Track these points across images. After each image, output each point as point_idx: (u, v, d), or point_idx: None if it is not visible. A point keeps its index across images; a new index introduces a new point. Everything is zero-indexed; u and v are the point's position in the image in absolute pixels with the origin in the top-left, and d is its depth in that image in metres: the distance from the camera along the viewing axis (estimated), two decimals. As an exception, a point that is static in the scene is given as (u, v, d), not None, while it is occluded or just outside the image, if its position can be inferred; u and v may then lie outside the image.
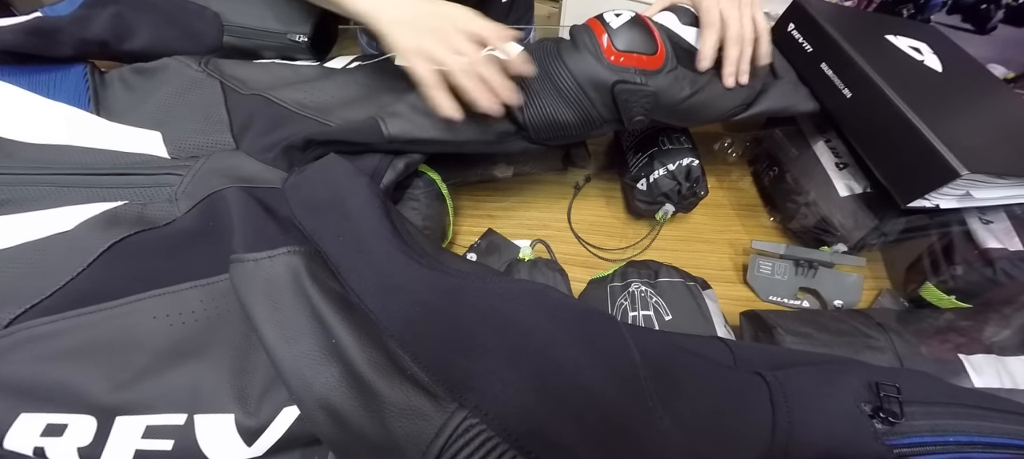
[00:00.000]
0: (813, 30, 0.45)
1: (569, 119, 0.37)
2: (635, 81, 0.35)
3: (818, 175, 0.46)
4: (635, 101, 0.35)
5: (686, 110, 0.37)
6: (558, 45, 0.38)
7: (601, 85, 0.35)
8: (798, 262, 0.46)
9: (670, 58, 0.36)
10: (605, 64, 0.35)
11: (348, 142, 0.37)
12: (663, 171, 0.45)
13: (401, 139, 0.37)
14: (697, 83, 0.37)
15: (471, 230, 0.51)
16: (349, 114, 0.41)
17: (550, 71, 0.36)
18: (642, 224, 0.52)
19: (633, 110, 0.36)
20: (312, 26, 0.48)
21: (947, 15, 1.67)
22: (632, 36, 0.36)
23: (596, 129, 0.38)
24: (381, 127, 0.36)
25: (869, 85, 0.39)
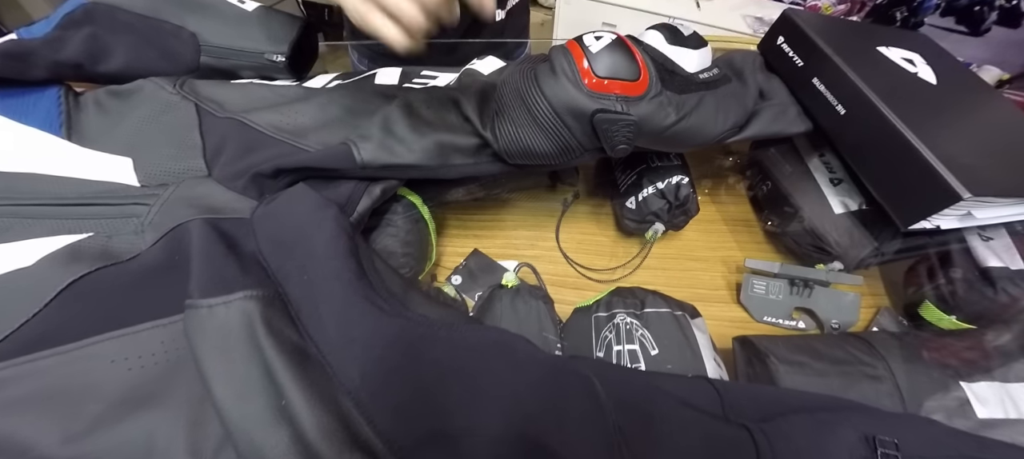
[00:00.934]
0: (803, 43, 0.44)
1: (545, 148, 0.35)
2: (616, 109, 0.33)
3: (812, 192, 0.45)
4: (616, 130, 0.34)
5: (672, 137, 0.36)
6: (535, 68, 0.36)
7: (579, 113, 0.34)
8: (793, 281, 0.45)
9: (654, 83, 0.34)
10: (584, 91, 0.33)
11: (320, 169, 0.36)
12: (652, 190, 0.44)
13: (374, 165, 0.35)
14: (683, 108, 0.35)
15: (456, 251, 0.50)
16: (327, 137, 0.40)
17: (525, 97, 0.35)
18: (632, 242, 0.50)
19: (615, 139, 0.34)
20: (290, 45, 0.47)
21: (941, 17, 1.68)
22: (613, 60, 0.34)
23: (576, 158, 0.37)
24: (354, 152, 0.35)
25: (863, 102, 0.38)
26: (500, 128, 0.36)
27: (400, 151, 0.36)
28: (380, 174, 0.36)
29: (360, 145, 0.35)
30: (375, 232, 0.38)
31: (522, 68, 0.38)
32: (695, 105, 0.37)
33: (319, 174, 0.36)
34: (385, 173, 0.36)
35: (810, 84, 0.43)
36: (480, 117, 0.37)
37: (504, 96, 0.37)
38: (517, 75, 0.37)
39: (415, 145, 0.37)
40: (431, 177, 0.38)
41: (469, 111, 0.37)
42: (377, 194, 0.36)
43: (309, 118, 0.43)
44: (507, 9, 0.70)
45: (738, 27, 1.55)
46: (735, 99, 0.41)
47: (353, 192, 0.35)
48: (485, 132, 0.37)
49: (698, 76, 0.39)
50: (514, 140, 0.36)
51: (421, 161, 0.36)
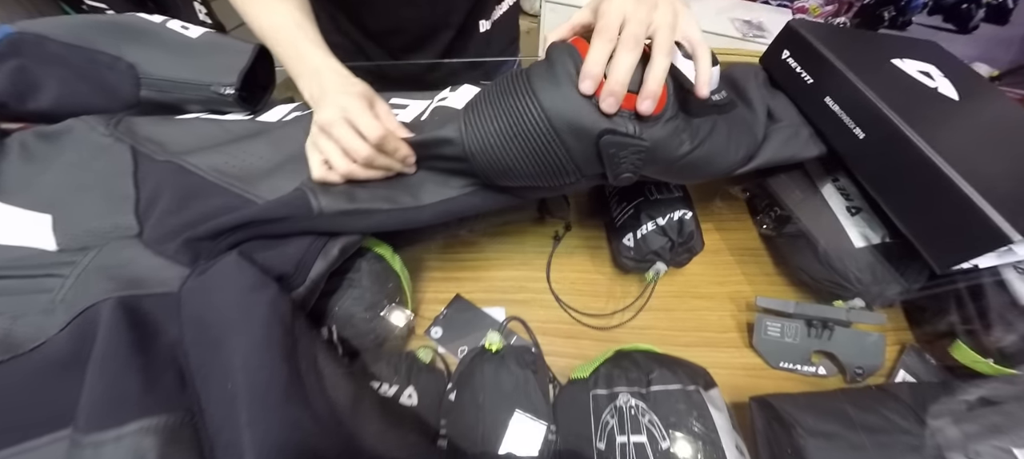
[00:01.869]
0: (811, 57, 0.40)
1: (530, 166, 0.29)
2: (627, 131, 0.28)
3: (828, 222, 0.40)
4: (625, 156, 0.29)
5: (683, 167, 0.31)
6: (529, 71, 0.30)
7: (583, 132, 0.27)
8: (810, 322, 0.41)
9: (672, 103, 0.29)
10: (593, 103, 0.27)
11: (269, 222, 0.30)
12: (652, 226, 0.39)
13: (333, 212, 0.30)
14: (698, 135, 0.31)
15: (436, 296, 0.45)
16: (280, 181, 0.35)
17: (514, 101, 0.28)
18: (630, 279, 0.46)
19: (621, 166, 0.29)
20: (239, 75, 0.41)
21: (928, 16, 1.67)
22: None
23: (567, 183, 0.31)
24: (310, 201, 0.30)
25: (885, 125, 0.33)
26: (471, 122, 0.29)
27: (362, 194, 0.31)
28: (341, 225, 0.31)
29: (319, 191, 0.30)
30: (335, 295, 0.32)
31: (513, 72, 0.32)
32: (709, 132, 0.32)
33: (267, 230, 0.31)
34: (347, 224, 0.31)
35: (822, 104, 0.38)
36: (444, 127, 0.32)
37: (486, 95, 0.30)
38: (505, 80, 0.31)
39: (380, 188, 0.32)
40: (401, 227, 0.33)
41: None
42: (335, 254, 0.31)
43: (260, 158, 0.38)
44: (492, 19, 0.64)
45: (726, 31, 1.52)
46: (745, 126, 0.37)
47: (305, 254, 0.29)
48: (443, 131, 0.31)
49: (711, 98, 0.35)
50: (488, 147, 0.29)
51: (393, 206, 0.31)
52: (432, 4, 0.56)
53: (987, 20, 1.49)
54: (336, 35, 0.60)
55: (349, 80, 0.35)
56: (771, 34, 1.53)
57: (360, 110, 0.32)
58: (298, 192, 0.30)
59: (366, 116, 0.31)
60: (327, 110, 0.32)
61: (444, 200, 0.32)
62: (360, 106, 0.32)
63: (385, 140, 0.31)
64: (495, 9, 0.64)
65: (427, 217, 0.32)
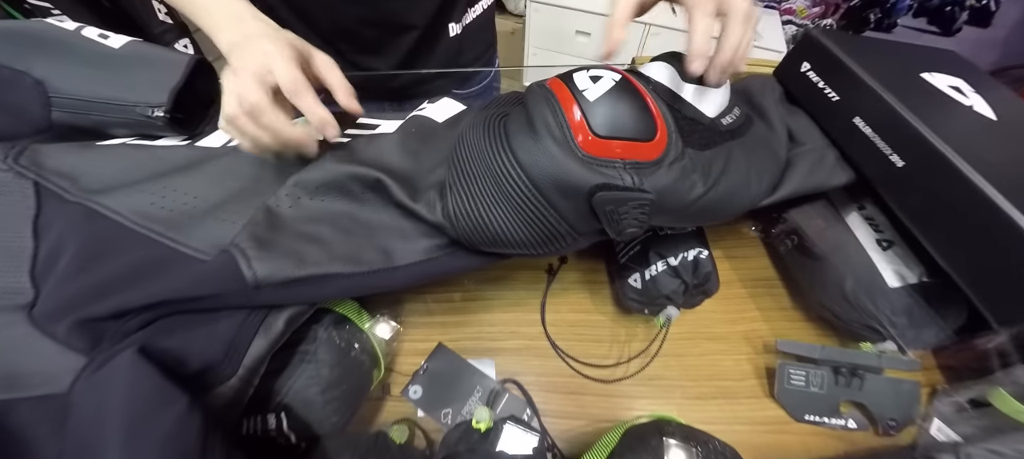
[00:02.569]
0: (836, 71, 0.35)
1: (522, 234, 0.25)
2: (624, 183, 0.23)
3: (855, 256, 0.36)
4: (626, 212, 0.24)
5: (698, 212, 0.26)
6: (506, 119, 0.26)
7: (571, 189, 0.24)
8: (838, 369, 0.36)
9: (673, 141, 0.25)
10: (578, 156, 0.23)
11: (192, 299, 0.24)
12: (663, 266, 0.34)
13: (277, 283, 0.24)
14: (711, 173, 0.26)
15: (415, 346, 0.39)
16: (218, 226, 0.28)
17: (493, 163, 0.25)
18: (636, 321, 0.41)
19: (623, 222, 0.24)
20: (171, 94, 0.34)
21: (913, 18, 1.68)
22: (618, 112, 0.24)
23: (566, 245, 0.27)
24: (242, 269, 0.23)
25: (930, 154, 0.29)
26: (457, 204, 0.26)
27: (315, 255, 0.25)
28: (287, 298, 0.25)
29: (253, 253, 0.24)
30: (285, 374, 0.26)
31: (488, 117, 0.28)
32: (724, 166, 0.27)
33: (190, 306, 0.24)
34: (295, 295, 0.25)
35: (850, 125, 0.34)
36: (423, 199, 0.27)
37: (462, 159, 0.27)
38: (481, 129, 0.27)
39: (340, 245, 0.26)
40: (367, 293, 0.27)
41: (401, 197, 0.26)
42: (280, 327, 0.24)
43: (196, 197, 0.31)
44: (463, 24, 0.58)
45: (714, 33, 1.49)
46: (766, 150, 0.32)
47: (239, 332, 0.23)
48: (433, 216, 0.26)
49: (721, 122, 0.30)
50: (477, 223, 0.25)
51: (348, 269, 0.25)
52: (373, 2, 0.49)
53: (970, 22, 1.51)
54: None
55: (279, 30, 0.30)
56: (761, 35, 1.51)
57: (284, 58, 0.27)
58: (225, 257, 0.24)
59: (288, 65, 0.27)
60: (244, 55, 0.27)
61: (423, 261, 0.27)
62: (286, 54, 0.27)
63: (299, 95, 0.27)
64: (467, 12, 0.57)
65: (401, 280, 0.26)
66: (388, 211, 0.28)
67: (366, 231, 0.27)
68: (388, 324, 0.34)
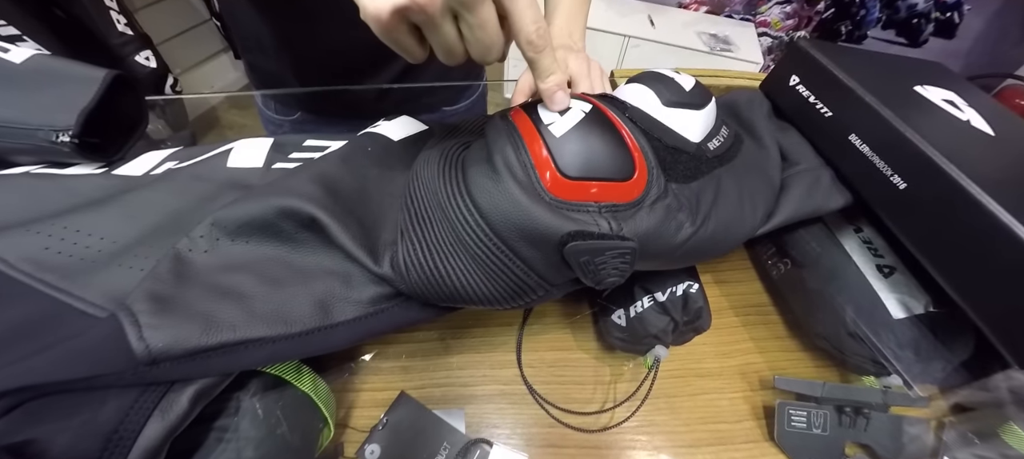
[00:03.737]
0: (829, 85, 0.33)
1: (484, 289, 0.22)
2: (601, 230, 0.20)
3: (855, 285, 0.33)
4: (603, 262, 0.20)
5: (687, 253, 0.23)
6: (465, 157, 0.22)
7: (540, 239, 0.20)
8: (842, 408, 0.33)
9: (654, 177, 0.22)
10: (546, 201, 0.20)
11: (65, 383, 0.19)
12: (649, 303, 0.31)
13: (179, 356, 0.19)
14: (699, 209, 0.23)
15: (374, 396, 0.34)
16: (121, 275, 0.24)
17: (448, 207, 0.21)
18: (621, 358, 0.37)
19: (601, 272, 0.21)
20: (80, 116, 0.30)
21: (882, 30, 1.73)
22: (590, 148, 0.21)
23: (536, 298, 0.23)
24: (130, 340, 0.19)
25: (938, 178, 0.26)
26: (409, 254, 0.22)
27: (231, 316, 0.20)
28: (193, 372, 0.20)
29: (147, 319, 0.19)
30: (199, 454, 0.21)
31: (445, 150, 0.24)
32: (714, 198, 0.24)
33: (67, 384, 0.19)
34: (203, 369, 0.20)
35: (846, 143, 0.31)
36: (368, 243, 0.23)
37: (415, 198, 0.23)
38: (437, 164, 0.23)
39: (264, 300, 0.22)
40: (298, 357, 0.22)
41: (342, 239, 0.22)
42: (184, 407, 0.20)
43: (103, 237, 0.26)
44: None
45: (694, 45, 1.50)
46: (758, 174, 0.29)
47: (126, 419, 0.18)
48: (379, 266, 0.22)
49: (708, 147, 0.27)
50: (431, 276, 0.21)
51: (273, 331, 0.21)
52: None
53: (936, 34, 1.56)
54: (259, 55, 0.49)
55: None
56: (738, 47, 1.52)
57: None
58: (110, 324, 0.19)
59: None
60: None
61: (368, 315, 0.22)
62: None
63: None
64: None
65: (341, 340, 0.22)
66: (329, 253, 0.23)
67: (300, 279, 0.22)
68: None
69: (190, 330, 0.19)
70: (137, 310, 0.19)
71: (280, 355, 0.21)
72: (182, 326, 0.19)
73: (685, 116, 0.25)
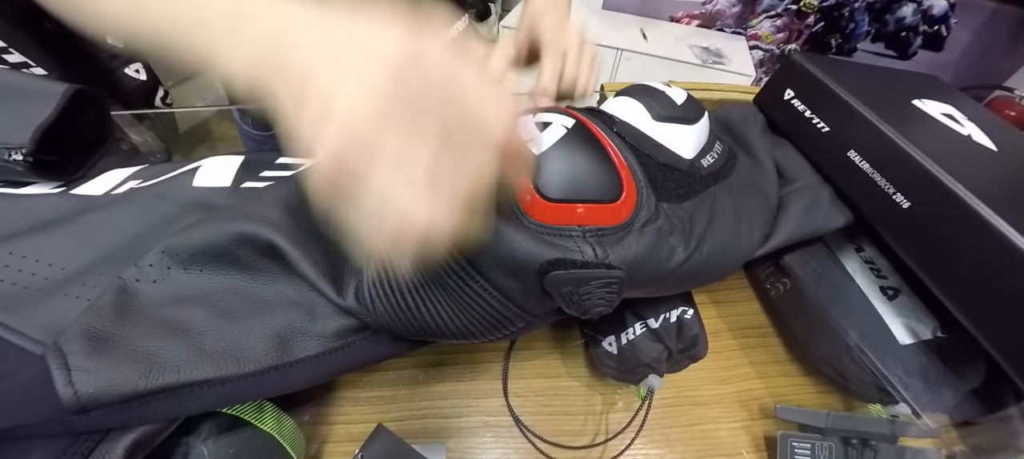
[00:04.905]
0: (825, 100, 0.32)
1: (460, 323, 0.20)
2: (585, 258, 0.18)
3: (858, 308, 0.31)
4: (589, 292, 0.18)
5: (681, 279, 0.21)
6: None
7: (519, 268, 0.19)
8: (848, 440, 0.31)
9: (644, 198, 0.20)
10: (525, 225, 0.18)
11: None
12: (642, 329, 0.29)
13: (113, 403, 0.17)
14: (694, 231, 0.21)
15: (348, 432, 0.32)
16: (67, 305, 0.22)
17: None
18: (613, 386, 0.35)
19: (586, 303, 0.19)
20: (35, 133, 0.28)
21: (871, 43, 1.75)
22: (574, 167, 0.19)
23: (516, 330, 0.21)
24: (57, 385, 0.17)
25: (944, 197, 0.25)
26: (375, 287, 0.20)
27: (176, 354, 0.18)
28: (129, 418, 0.18)
29: (79, 361, 0.17)
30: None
31: None
32: (708, 219, 0.22)
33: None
34: (141, 414, 0.18)
35: (845, 160, 0.30)
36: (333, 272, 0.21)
37: None
38: None
39: (216, 336, 0.20)
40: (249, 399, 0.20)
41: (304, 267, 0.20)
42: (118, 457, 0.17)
43: (52, 264, 0.24)
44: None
45: (686, 57, 1.51)
46: (755, 192, 0.28)
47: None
48: (343, 298, 0.20)
49: (701, 164, 0.25)
50: (400, 309, 0.20)
51: (224, 371, 0.19)
52: None
53: (924, 47, 1.58)
54: None
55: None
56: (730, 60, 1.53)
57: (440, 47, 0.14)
58: (37, 366, 0.17)
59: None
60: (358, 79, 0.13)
61: (332, 350, 0.20)
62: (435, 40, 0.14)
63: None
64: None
65: (301, 379, 0.20)
66: (290, 282, 0.21)
67: (257, 311, 0.20)
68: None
69: (128, 373, 0.17)
70: (68, 351, 0.17)
71: (232, 398, 0.19)
72: (119, 369, 0.17)
73: (677, 131, 0.24)
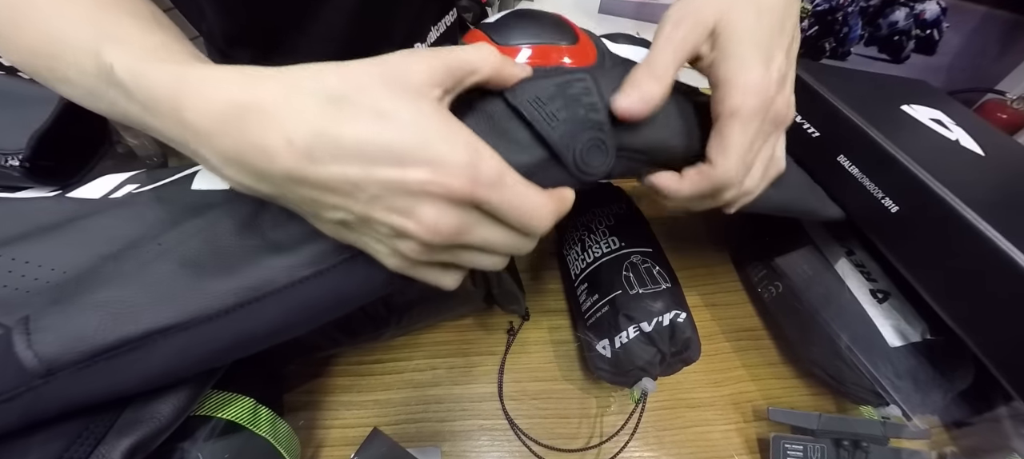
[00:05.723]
0: (814, 105, 0.32)
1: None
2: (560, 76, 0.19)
3: (850, 311, 0.32)
4: (572, 109, 0.18)
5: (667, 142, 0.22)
6: None
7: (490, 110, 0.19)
8: (840, 441, 0.31)
9: (605, 53, 0.22)
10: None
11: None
12: (635, 332, 0.29)
13: (73, 362, 0.17)
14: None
15: (344, 435, 0.32)
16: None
17: None
18: (607, 390, 0.35)
19: (577, 139, 0.18)
20: (31, 140, 0.28)
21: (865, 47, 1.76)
22: (528, 21, 0.21)
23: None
24: (18, 351, 0.16)
25: (932, 201, 0.25)
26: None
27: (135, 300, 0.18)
28: (96, 390, 0.17)
29: (36, 322, 0.17)
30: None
31: None
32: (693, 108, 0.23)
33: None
34: (107, 382, 0.17)
35: (835, 164, 0.30)
36: None
37: None
38: None
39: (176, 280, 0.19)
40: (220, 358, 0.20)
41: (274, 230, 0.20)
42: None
43: (54, 268, 0.24)
44: (429, 43, 0.54)
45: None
46: None
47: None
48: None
49: None
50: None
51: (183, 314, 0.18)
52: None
53: (917, 51, 1.59)
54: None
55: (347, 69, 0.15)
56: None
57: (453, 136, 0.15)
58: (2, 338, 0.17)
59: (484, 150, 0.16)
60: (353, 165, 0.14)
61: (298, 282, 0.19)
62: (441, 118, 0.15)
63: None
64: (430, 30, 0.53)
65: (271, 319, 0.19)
66: None
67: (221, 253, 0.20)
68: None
69: (85, 326, 0.17)
70: (32, 316, 0.17)
71: (200, 348, 0.18)
72: (76, 322, 0.17)
73: (637, 52, 0.24)
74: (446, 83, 0.16)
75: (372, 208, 0.15)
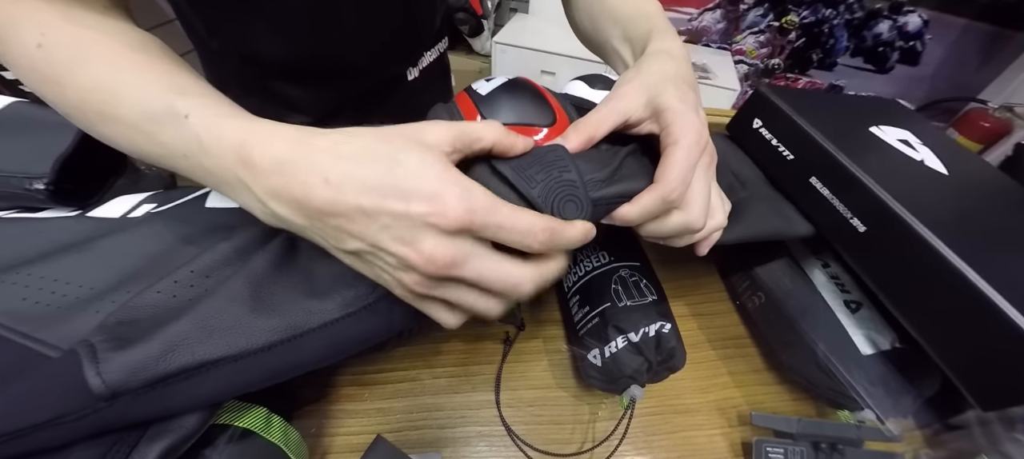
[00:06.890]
0: (789, 130, 0.35)
1: None
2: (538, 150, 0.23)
3: (825, 321, 0.34)
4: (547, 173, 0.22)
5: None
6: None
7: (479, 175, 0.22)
8: (818, 444, 0.33)
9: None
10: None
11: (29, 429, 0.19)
12: (623, 343, 0.31)
13: (136, 388, 0.19)
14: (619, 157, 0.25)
15: (348, 443, 0.34)
16: (90, 320, 0.23)
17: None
18: (599, 397, 0.37)
19: (554, 194, 0.22)
20: (55, 164, 0.30)
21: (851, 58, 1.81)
22: (513, 100, 0.25)
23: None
24: (86, 374, 0.18)
25: (894, 223, 0.28)
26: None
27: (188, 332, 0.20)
28: (153, 409, 0.19)
29: (105, 352, 0.19)
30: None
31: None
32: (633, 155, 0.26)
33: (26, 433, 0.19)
34: (162, 403, 0.20)
35: (808, 185, 0.33)
36: None
37: None
38: None
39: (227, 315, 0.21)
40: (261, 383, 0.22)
41: None
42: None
43: (81, 285, 0.26)
44: (420, 67, 0.56)
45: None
46: None
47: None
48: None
49: None
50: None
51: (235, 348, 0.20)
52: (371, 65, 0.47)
53: (901, 61, 1.64)
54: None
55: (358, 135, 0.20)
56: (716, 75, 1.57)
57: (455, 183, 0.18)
58: (67, 361, 0.19)
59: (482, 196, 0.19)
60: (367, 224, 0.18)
61: (336, 321, 0.22)
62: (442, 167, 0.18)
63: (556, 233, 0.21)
64: (424, 56, 0.55)
65: (310, 354, 0.22)
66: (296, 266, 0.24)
67: (261, 291, 0.22)
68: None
69: (147, 357, 0.19)
70: (97, 343, 0.19)
71: (245, 377, 0.20)
72: (139, 353, 0.19)
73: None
74: (456, 145, 0.20)
75: (381, 237, 0.18)
